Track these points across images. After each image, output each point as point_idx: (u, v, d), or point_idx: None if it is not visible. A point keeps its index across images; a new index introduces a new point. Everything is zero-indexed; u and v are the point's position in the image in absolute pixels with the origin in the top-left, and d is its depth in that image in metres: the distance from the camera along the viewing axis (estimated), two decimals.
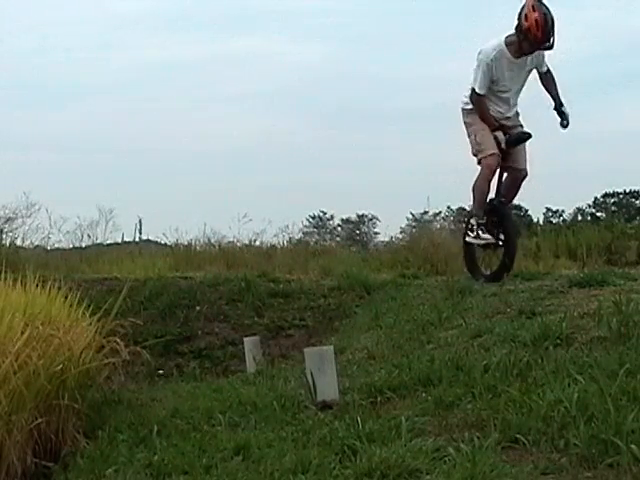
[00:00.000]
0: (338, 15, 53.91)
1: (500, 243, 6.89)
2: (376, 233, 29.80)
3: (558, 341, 4.32)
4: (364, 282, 9.03)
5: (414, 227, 20.60)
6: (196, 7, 50.46)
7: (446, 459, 3.11)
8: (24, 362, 5.09)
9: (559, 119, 6.76)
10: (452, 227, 17.38)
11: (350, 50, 51.19)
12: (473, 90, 6.74)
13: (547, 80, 6.83)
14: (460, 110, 6.92)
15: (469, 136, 6.87)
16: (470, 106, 6.83)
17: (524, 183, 6.99)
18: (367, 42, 51.17)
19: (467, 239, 7.10)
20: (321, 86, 51.27)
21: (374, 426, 3.61)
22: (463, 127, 6.92)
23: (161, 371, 7.86)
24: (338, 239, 28.33)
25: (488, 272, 7.05)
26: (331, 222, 34.78)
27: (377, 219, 32.87)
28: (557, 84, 6.84)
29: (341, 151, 46.84)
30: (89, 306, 6.39)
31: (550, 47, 6.53)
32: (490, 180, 6.86)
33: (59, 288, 6.44)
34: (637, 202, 37.53)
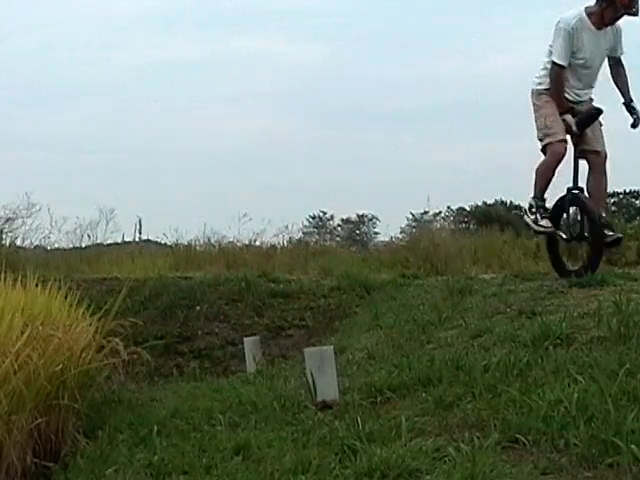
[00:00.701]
0: (339, 15, 53.92)
1: (586, 235, 6.33)
2: (376, 233, 29.80)
3: (558, 341, 4.32)
4: (364, 282, 9.03)
5: (414, 227, 20.62)
6: (196, 7, 50.37)
7: (446, 459, 3.11)
8: (24, 362, 5.09)
9: (629, 117, 6.39)
10: (452, 227, 17.40)
11: (350, 50, 51.17)
12: (553, 63, 6.36)
13: (617, 71, 6.51)
14: (530, 91, 6.53)
15: (537, 120, 6.47)
16: (543, 86, 6.45)
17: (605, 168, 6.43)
18: (367, 42, 51.12)
19: (525, 219, 6.62)
20: (321, 86, 51.28)
21: (374, 426, 3.61)
22: (531, 109, 6.53)
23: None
24: (338, 239, 28.30)
25: (575, 267, 6.46)
26: (331, 222, 34.74)
27: (377, 219, 32.87)
28: (628, 78, 6.52)
29: (341, 151, 46.85)
30: (89, 306, 6.39)
31: (635, 13, 6.24)
32: (555, 168, 6.44)
33: (59, 288, 6.44)
34: (637, 202, 37.52)
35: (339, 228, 34.21)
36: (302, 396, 4.53)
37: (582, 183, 6.44)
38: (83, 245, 12.38)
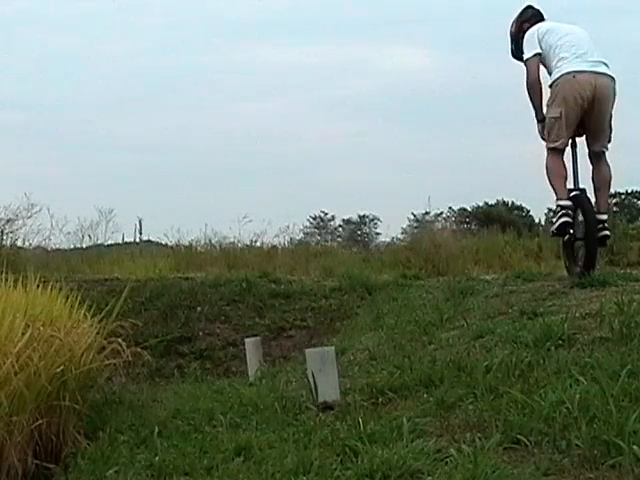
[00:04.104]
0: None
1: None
2: (377, 234, 29.86)
3: (560, 342, 4.31)
4: (365, 283, 9.03)
5: (415, 227, 20.64)
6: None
7: (448, 460, 3.10)
8: (25, 363, 5.08)
9: None
10: (454, 227, 17.41)
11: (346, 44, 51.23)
12: None
13: None
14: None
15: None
16: None
17: None
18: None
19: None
20: (322, 85, 51.33)
21: (375, 427, 3.60)
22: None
23: None
24: (339, 240, 28.37)
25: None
26: (332, 223, 34.78)
27: (378, 219, 32.91)
28: None
29: (342, 150, 46.86)
30: (90, 307, 6.37)
31: None
32: None
33: (60, 289, 6.43)
34: (639, 202, 37.48)
35: (340, 229, 34.26)
36: (303, 397, 4.53)
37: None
38: (84, 246, 12.40)
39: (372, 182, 39.31)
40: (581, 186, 6.31)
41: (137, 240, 14.12)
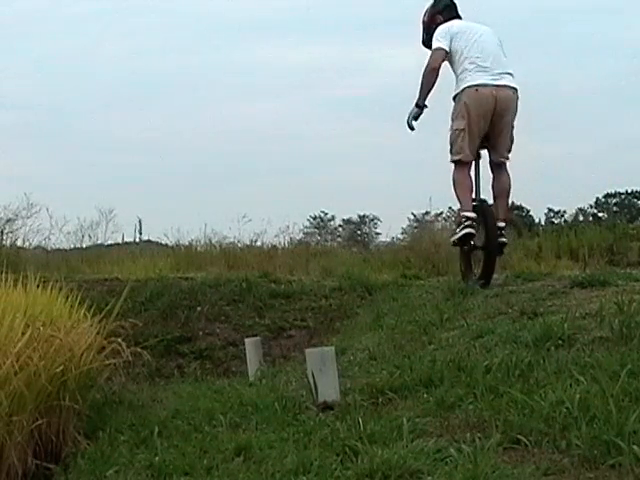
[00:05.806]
0: None
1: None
2: (377, 233, 29.90)
3: (560, 342, 4.31)
4: (365, 283, 9.03)
5: (415, 227, 20.62)
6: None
7: (448, 460, 3.10)
8: (25, 363, 5.08)
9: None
10: (453, 227, 17.41)
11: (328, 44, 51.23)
12: None
13: None
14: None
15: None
16: None
17: None
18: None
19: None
20: (323, 85, 51.31)
21: (375, 427, 3.60)
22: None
23: None
24: (339, 240, 28.37)
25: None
26: (332, 222, 34.81)
27: (378, 219, 32.95)
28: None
29: (342, 150, 46.86)
30: (90, 307, 6.37)
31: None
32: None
33: (60, 289, 6.42)
34: (639, 202, 37.51)
35: (340, 229, 34.30)
36: (303, 397, 4.53)
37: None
38: (84, 246, 12.39)
39: (372, 182, 39.36)
40: (482, 196, 6.63)
41: (137, 240, 14.10)
